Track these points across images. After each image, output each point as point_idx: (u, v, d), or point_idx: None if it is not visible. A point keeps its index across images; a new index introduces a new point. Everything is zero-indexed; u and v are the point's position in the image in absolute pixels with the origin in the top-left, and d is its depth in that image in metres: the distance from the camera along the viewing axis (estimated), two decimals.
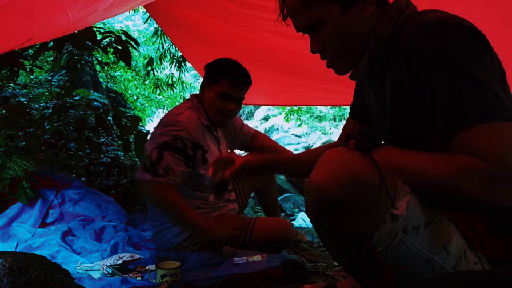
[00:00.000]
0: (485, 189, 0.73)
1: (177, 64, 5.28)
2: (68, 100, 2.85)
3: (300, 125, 8.09)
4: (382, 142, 0.88)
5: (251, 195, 2.38)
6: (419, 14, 0.88)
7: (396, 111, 0.91)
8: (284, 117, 7.51)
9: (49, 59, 4.32)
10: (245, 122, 2.27)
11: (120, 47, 2.35)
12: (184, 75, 6.10)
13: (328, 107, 12.65)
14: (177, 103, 7.88)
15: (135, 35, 8.27)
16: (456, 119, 0.76)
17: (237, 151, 2.14)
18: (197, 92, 1.96)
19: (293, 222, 4.05)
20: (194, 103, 1.83)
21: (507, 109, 0.74)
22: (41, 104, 3.55)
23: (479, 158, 0.72)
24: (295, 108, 7.14)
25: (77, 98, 3.25)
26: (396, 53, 0.87)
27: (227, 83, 1.75)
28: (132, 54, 2.93)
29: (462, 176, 0.74)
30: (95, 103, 3.91)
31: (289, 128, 13.13)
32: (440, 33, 0.79)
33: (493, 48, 0.82)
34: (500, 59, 0.84)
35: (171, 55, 5.28)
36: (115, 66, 6.49)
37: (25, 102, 3.28)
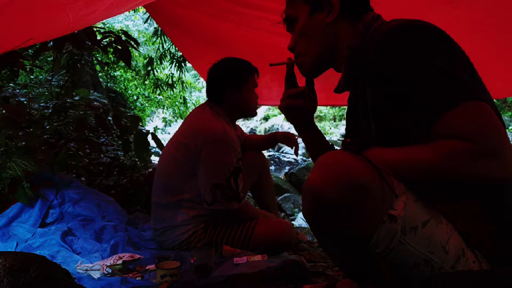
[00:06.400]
0: (472, 165, 0.75)
1: (177, 64, 5.27)
2: (68, 100, 2.85)
3: None
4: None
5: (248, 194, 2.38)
6: (384, 24, 0.96)
7: (379, 113, 0.94)
8: (284, 117, 7.52)
9: (49, 59, 4.32)
10: (245, 122, 2.27)
11: (120, 47, 2.35)
12: (184, 75, 6.10)
13: (328, 107, 12.65)
14: (176, 103, 7.89)
15: (135, 35, 8.28)
16: (432, 107, 0.80)
17: None
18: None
19: (293, 222, 4.05)
20: (221, 114, 1.86)
21: (476, 90, 0.78)
22: (41, 104, 3.56)
23: (461, 138, 0.75)
24: None
25: (77, 98, 3.25)
26: (368, 61, 0.93)
27: (255, 77, 1.94)
28: (132, 54, 2.93)
29: (448, 159, 0.77)
30: (95, 103, 3.91)
31: (289, 128, 13.12)
32: (401, 35, 0.87)
33: (455, 41, 0.87)
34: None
35: (171, 55, 5.27)
36: (115, 66, 6.49)
37: (25, 102, 3.28)
